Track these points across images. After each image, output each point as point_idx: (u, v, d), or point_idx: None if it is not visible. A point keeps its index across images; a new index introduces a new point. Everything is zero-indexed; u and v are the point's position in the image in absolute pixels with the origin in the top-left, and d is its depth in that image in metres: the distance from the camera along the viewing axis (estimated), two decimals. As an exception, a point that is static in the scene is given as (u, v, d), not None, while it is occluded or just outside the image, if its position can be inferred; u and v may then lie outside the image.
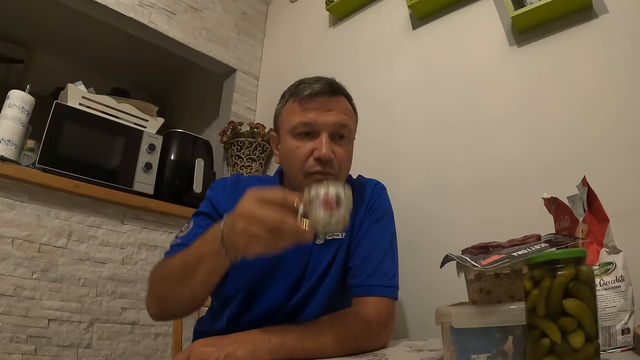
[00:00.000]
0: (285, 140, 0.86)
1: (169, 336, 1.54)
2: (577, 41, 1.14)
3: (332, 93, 0.85)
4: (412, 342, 0.90)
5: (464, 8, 1.42)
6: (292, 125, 0.84)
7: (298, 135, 0.84)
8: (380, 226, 0.92)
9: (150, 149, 1.66)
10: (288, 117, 0.86)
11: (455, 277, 0.63)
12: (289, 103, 0.87)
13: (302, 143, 0.83)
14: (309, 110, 0.82)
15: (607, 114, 1.04)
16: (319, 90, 0.83)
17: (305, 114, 0.83)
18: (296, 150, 0.83)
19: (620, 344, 0.59)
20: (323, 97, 0.83)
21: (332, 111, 0.84)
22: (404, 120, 1.47)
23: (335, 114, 0.84)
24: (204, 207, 0.93)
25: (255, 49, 2.22)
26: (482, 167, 1.23)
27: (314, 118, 0.82)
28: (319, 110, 0.83)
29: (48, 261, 1.33)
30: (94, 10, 1.70)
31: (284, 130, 0.87)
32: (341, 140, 0.86)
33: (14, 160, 1.32)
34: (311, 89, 0.83)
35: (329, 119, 0.83)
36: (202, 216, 0.91)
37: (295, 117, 0.83)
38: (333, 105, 0.84)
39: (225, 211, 0.87)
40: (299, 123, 0.83)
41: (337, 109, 0.85)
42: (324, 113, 0.83)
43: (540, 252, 0.50)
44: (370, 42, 1.68)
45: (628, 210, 0.91)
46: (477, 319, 0.51)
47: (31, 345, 1.25)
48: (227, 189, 0.93)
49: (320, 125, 0.83)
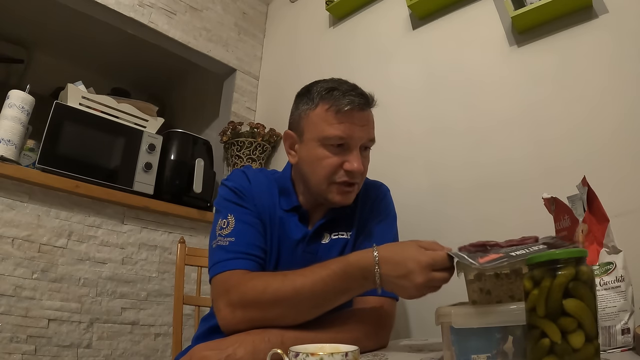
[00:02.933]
0: (312, 146, 0.84)
1: (169, 336, 1.54)
2: (577, 41, 1.14)
3: (366, 107, 0.86)
4: (412, 342, 0.90)
5: (464, 8, 1.42)
6: (325, 135, 0.82)
7: (330, 146, 0.83)
8: (383, 226, 0.93)
9: (150, 149, 1.66)
10: (320, 124, 0.83)
11: (455, 277, 0.63)
12: (321, 109, 0.83)
13: (334, 154, 0.83)
14: (346, 125, 0.81)
15: (608, 114, 1.04)
16: (359, 106, 0.82)
17: (343, 129, 0.81)
18: (326, 160, 0.83)
19: (620, 344, 0.59)
20: (361, 112, 0.84)
21: (365, 126, 0.85)
22: (404, 121, 1.47)
23: (367, 129, 0.85)
24: (235, 198, 0.87)
25: (255, 49, 2.22)
26: (482, 168, 1.23)
27: (351, 134, 0.82)
28: (355, 125, 0.83)
29: (48, 261, 1.33)
30: (94, 10, 1.70)
31: (311, 135, 0.85)
32: (366, 152, 0.88)
33: (14, 160, 1.32)
34: (351, 104, 0.81)
35: (363, 135, 0.84)
36: (242, 209, 0.85)
37: (331, 129, 0.81)
38: (367, 120, 0.86)
39: (262, 205, 0.88)
40: (335, 136, 0.81)
41: (369, 123, 0.86)
42: (359, 129, 0.83)
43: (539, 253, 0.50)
44: (370, 41, 1.68)
45: (628, 210, 0.91)
46: (477, 319, 0.51)
47: (31, 345, 1.25)
48: (251, 181, 0.90)
49: (355, 140, 0.83)
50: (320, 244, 0.90)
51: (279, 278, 0.73)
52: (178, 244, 1.27)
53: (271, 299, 0.71)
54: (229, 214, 0.84)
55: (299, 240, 0.89)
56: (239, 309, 0.72)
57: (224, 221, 0.84)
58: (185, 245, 1.27)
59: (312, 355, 0.50)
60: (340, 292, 0.71)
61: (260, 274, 0.77)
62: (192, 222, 1.70)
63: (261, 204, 0.88)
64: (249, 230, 0.83)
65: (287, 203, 0.90)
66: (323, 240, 0.90)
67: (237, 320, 0.72)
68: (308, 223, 0.92)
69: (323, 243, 0.90)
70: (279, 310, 0.71)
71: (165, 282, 1.59)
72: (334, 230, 0.91)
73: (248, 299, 0.72)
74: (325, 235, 0.91)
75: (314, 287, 0.70)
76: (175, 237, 1.65)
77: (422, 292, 0.66)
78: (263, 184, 0.92)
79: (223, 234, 0.82)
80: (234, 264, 0.77)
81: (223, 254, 0.79)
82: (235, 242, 0.80)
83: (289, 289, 0.70)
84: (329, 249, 0.89)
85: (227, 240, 0.80)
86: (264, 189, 0.91)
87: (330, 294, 0.71)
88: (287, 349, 0.54)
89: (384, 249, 0.70)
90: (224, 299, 0.74)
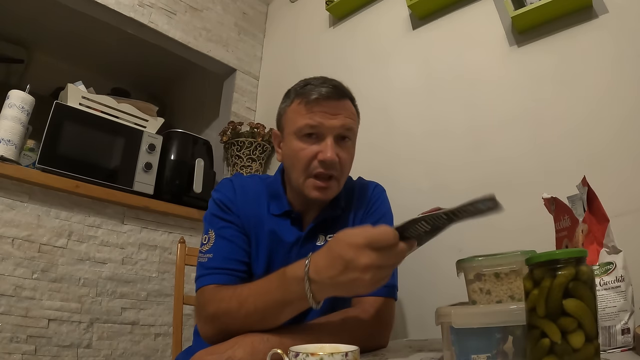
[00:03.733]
0: (289, 140, 0.86)
1: (169, 336, 1.54)
2: (577, 41, 1.14)
3: (338, 97, 0.85)
4: (412, 342, 0.90)
5: (464, 8, 1.42)
6: (297, 126, 0.84)
7: (303, 137, 0.84)
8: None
9: (150, 149, 1.66)
10: (294, 117, 0.86)
11: (455, 277, 0.63)
12: (295, 104, 0.86)
13: (307, 145, 0.83)
14: (315, 114, 0.83)
15: (608, 114, 1.04)
16: (326, 95, 0.83)
17: (312, 117, 0.83)
18: (301, 152, 0.83)
19: (620, 344, 0.59)
20: (330, 101, 0.84)
21: (338, 115, 0.84)
22: (404, 121, 1.47)
23: (341, 117, 0.85)
24: (219, 212, 0.88)
25: (255, 49, 2.22)
26: (482, 168, 1.23)
27: (321, 121, 0.83)
28: (326, 113, 0.83)
29: (48, 261, 1.33)
30: (94, 10, 1.70)
31: (288, 130, 0.87)
32: (344, 143, 0.87)
33: (14, 160, 1.32)
34: (318, 93, 0.83)
35: (335, 123, 0.84)
36: (223, 222, 0.87)
37: (302, 119, 0.83)
38: (339, 109, 0.85)
39: (246, 215, 0.87)
40: (305, 125, 0.83)
41: (343, 112, 0.86)
42: (330, 117, 0.83)
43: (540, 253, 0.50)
44: (370, 41, 1.68)
45: (628, 210, 0.91)
46: (477, 319, 0.51)
47: (31, 345, 1.25)
48: (237, 191, 0.91)
49: (326, 128, 0.83)
50: (315, 246, 0.88)
51: (231, 291, 0.73)
52: (178, 244, 1.27)
53: (224, 312, 0.72)
54: (209, 230, 0.87)
55: (292, 243, 0.88)
56: (209, 323, 0.75)
57: (205, 237, 0.86)
58: (185, 245, 1.27)
59: (312, 355, 0.50)
60: (282, 304, 0.67)
61: (227, 288, 0.77)
62: (192, 222, 1.70)
63: (246, 213, 0.88)
64: (227, 246, 0.84)
65: (277, 208, 0.90)
66: (318, 242, 0.89)
67: (210, 333, 0.75)
68: (301, 225, 0.91)
69: (318, 245, 0.89)
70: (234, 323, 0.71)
71: (165, 282, 1.59)
72: (329, 231, 0.90)
73: (213, 313, 0.74)
74: (320, 236, 0.90)
75: (256, 300, 0.69)
76: (175, 237, 1.65)
77: (375, 276, 0.58)
78: (250, 191, 0.91)
79: (203, 250, 0.84)
80: (209, 279, 0.80)
81: (202, 270, 0.82)
82: (213, 258, 0.82)
83: (234, 302, 0.71)
84: None
85: (206, 257, 0.83)
86: (250, 197, 0.90)
87: (273, 308, 0.68)
88: (286, 349, 0.54)
89: (317, 253, 0.64)
90: (199, 314, 0.78)
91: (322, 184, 0.83)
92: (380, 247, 0.57)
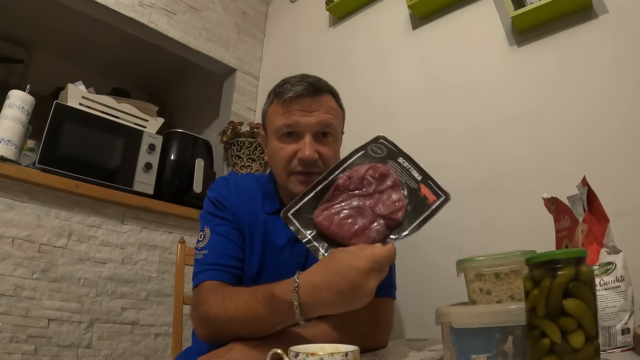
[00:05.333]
0: (271, 140, 0.88)
1: (169, 336, 1.54)
2: (577, 41, 1.14)
3: (314, 94, 0.85)
4: (412, 342, 0.90)
5: (464, 8, 1.42)
6: (276, 126, 0.85)
7: (282, 137, 0.85)
8: None
9: (150, 149, 1.66)
10: (273, 118, 0.87)
11: (455, 277, 0.63)
12: (274, 104, 0.87)
13: (286, 144, 0.84)
14: (291, 113, 0.83)
15: (608, 114, 1.04)
16: (300, 93, 0.83)
17: (288, 116, 0.83)
18: (281, 152, 0.84)
19: (620, 344, 0.59)
20: (305, 99, 0.83)
21: (314, 112, 0.84)
22: (404, 121, 1.47)
23: (317, 114, 0.84)
24: (214, 209, 0.89)
25: (255, 49, 2.21)
26: (481, 168, 1.23)
27: (297, 120, 0.83)
28: (302, 111, 0.83)
29: (48, 261, 1.33)
30: (94, 10, 1.70)
31: (270, 130, 0.88)
32: (325, 139, 0.86)
33: (14, 160, 1.32)
34: (293, 92, 0.83)
35: (311, 120, 0.83)
36: (218, 220, 0.87)
37: (279, 119, 0.84)
38: (315, 106, 0.84)
39: (241, 213, 0.87)
40: (283, 125, 0.83)
41: (320, 109, 0.85)
42: (306, 114, 0.83)
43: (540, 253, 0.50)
44: (370, 41, 1.68)
45: (628, 210, 0.91)
46: (477, 319, 0.51)
47: (31, 345, 1.25)
48: (232, 190, 0.91)
49: (303, 126, 0.83)
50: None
51: (218, 302, 0.73)
52: (178, 244, 1.27)
53: (214, 321, 0.72)
54: (205, 227, 0.87)
55: (284, 243, 0.87)
56: (202, 324, 0.76)
57: (201, 234, 0.87)
58: (185, 245, 1.27)
59: (312, 355, 0.50)
60: (271, 322, 0.67)
61: (219, 292, 0.76)
62: (192, 222, 1.70)
63: (240, 211, 0.88)
64: (222, 242, 0.84)
65: (270, 206, 0.90)
66: None
67: (203, 333, 0.76)
68: None
69: None
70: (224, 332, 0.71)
71: (165, 282, 1.59)
72: None
73: (205, 317, 0.74)
74: None
75: (243, 318, 0.68)
76: (175, 237, 1.64)
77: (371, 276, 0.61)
78: (245, 189, 0.92)
79: (199, 247, 0.85)
80: (205, 275, 0.80)
81: (198, 267, 0.82)
82: (209, 254, 0.83)
83: (222, 317, 0.71)
84: None
85: (202, 253, 0.83)
86: (245, 195, 0.91)
87: (261, 324, 0.68)
88: (286, 349, 0.54)
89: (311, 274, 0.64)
90: (194, 311, 0.78)
91: (304, 179, 0.83)
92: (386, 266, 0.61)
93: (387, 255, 0.61)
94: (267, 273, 0.86)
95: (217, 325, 0.72)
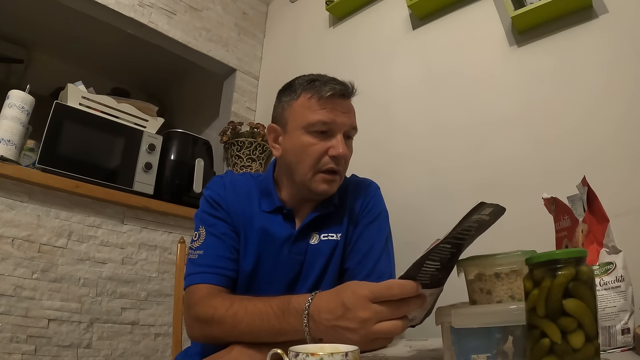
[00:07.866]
0: (296, 135, 0.86)
1: (169, 336, 1.54)
2: (577, 41, 1.14)
3: (349, 95, 0.88)
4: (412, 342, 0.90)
5: (464, 8, 1.42)
6: (309, 121, 0.84)
7: (314, 133, 0.84)
8: (375, 227, 0.92)
9: (150, 149, 1.66)
10: (303, 112, 0.85)
11: (455, 277, 0.63)
12: (304, 98, 0.86)
13: (319, 140, 0.84)
14: (328, 110, 0.84)
15: (608, 114, 1.04)
16: (340, 92, 0.85)
17: (325, 114, 0.83)
18: (311, 147, 0.84)
19: (620, 344, 0.59)
20: (342, 99, 0.86)
21: (347, 113, 0.87)
22: (403, 121, 1.47)
23: (349, 116, 0.87)
24: (209, 209, 0.89)
25: (255, 49, 2.22)
26: (481, 167, 1.23)
27: (334, 119, 0.84)
28: (337, 111, 0.85)
29: (48, 261, 1.33)
30: (94, 10, 1.70)
31: (295, 125, 0.86)
32: (348, 140, 0.89)
33: (14, 160, 1.32)
34: (332, 90, 0.84)
35: (346, 121, 0.85)
36: (213, 219, 0.88)
37: (314, 115, 0.84)
38: (348, 107, 0.87)
39: (236, 212, 0.87)
40: (318, 121, 0.83)
41: (351, 111, 0.88)
42: (341, 114, 0.85)
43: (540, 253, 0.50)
44: (370, 41, 1.68)
45: (628, 210, 0.91)
46: (477, 319, 0.51)
47: (31, 345, 1.25)
48: (227, 188, 0.91)
49: (338, 125, 0.84)
50: (308, 245, 0.88)
51: (227, 304, 0.72)
52: (178, 244, 1.27)
53: (217, 323, 0.72)
54: (200, 226, 0.87)
55: (283, 240, 0.87)
56: (197, 325, 0.76)
57: (196, 234, 0.87)
58: (185, 245, 1.27)
59: (312, 355, 0.50)
60: (277, 332, 0.66)
61: (218, 295, 0.76)
62: (192, 222, 1.66)
63: (236, 210, 0.88)
64: (217, 243, 0.84)
65: (268, 204, 0.90)
66: (311, 241, 0.88)
67: (197, 334, 0.77)
68: (294, 222, 0.90)
69: (312, 244, 0.88)
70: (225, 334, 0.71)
71: (165, 282, 1.59)
72: (322, 230, 0.90)
73: (202, 318, 0.74)
74: (314, 235, 0.89)
75: (251, 322, 0.68)
76: (175, 237, 1.64)
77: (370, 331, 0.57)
78: (241, 188, 0.92)
79: (194, 247, 0.85)
80: (200, 278, 0.80)
81: (192, 267, 0.82)
82: (203, 255, 0.82)
83: (229, 319, 0.70)
84: (317, 251, 0.88)
85: (197, 254, 0.83)
86: (240, 194, 0.91)
87: (267, 332, 0.67)
88: (285, 349, 0.54)
89: (324, 292, 0.64)
90: (188, 312, 0.78)
91: (330, 177, 0.85)
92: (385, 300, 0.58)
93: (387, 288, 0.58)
94: (262, 271, 0.86)
95: (216, 330, 0.71)
